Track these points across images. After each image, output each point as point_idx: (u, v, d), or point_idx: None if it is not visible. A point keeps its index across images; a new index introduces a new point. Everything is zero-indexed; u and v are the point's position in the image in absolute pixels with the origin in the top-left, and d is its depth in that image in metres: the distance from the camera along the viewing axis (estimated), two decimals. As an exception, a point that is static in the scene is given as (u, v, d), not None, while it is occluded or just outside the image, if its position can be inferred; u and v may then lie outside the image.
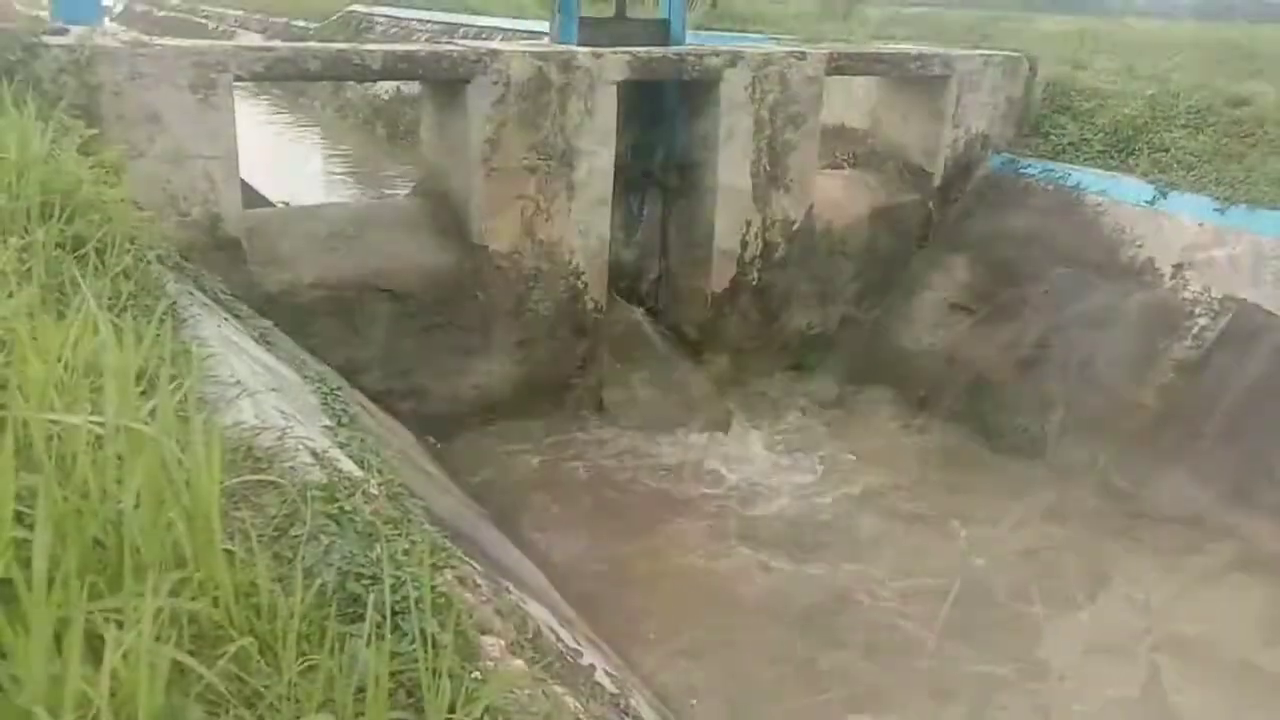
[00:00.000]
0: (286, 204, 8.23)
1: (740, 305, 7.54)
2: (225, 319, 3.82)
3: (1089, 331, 6.95)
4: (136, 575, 1.28)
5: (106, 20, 7.36)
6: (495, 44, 6.80)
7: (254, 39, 25.57)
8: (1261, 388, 6.07)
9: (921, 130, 8.26)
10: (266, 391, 2.87)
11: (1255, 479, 5.82)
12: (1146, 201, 7.22)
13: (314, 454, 2.50)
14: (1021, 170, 8.12)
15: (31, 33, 4.82)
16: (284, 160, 14.61)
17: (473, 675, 1.67)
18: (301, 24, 24.34)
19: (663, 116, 7.47)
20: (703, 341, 7.54)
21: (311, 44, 5.80)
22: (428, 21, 18.99)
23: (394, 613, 1.57)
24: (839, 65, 7.50)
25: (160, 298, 2.95)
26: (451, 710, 1.44)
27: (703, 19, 13.95)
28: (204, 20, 32.13)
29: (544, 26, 8.87)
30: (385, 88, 16.71)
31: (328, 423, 3.27)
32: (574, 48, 6.45)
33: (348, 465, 2.69)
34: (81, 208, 2.97)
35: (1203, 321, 6.47)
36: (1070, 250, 7.38)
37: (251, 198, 6.41)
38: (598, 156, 6.47)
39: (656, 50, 6.73)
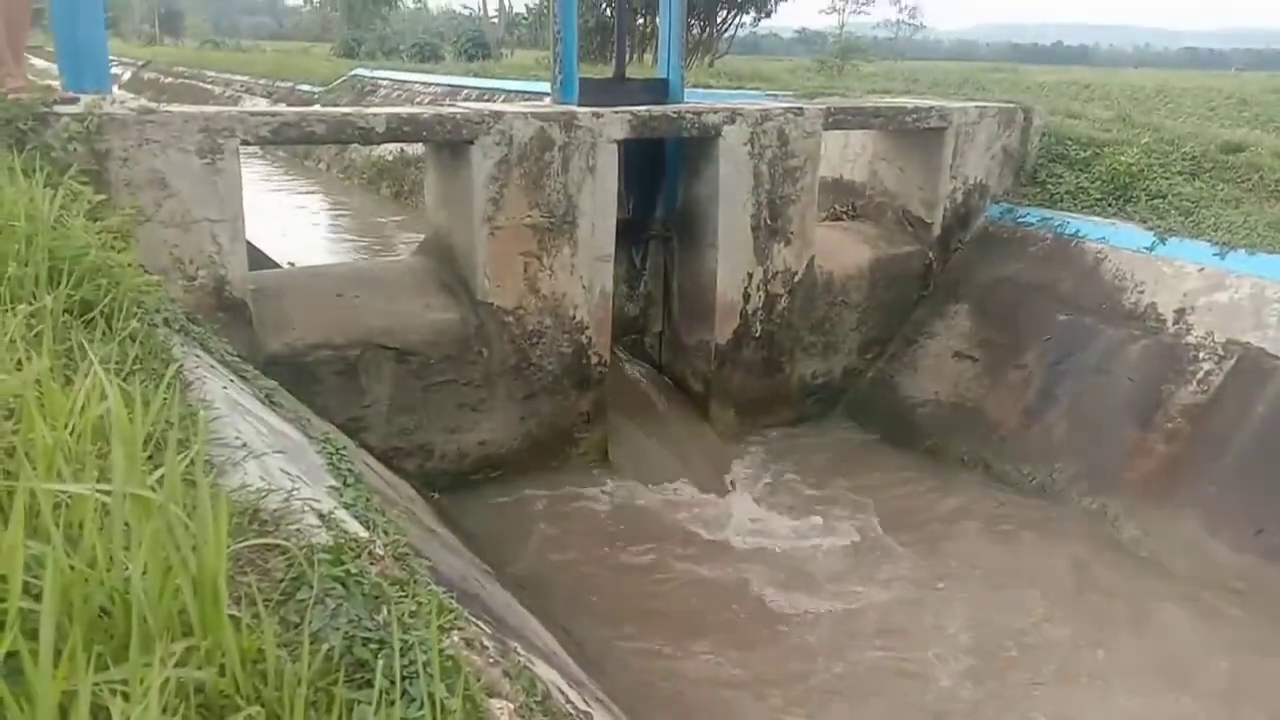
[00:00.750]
0: (292, 264, 8.30)
1: (744, 357, 7.56)
2: (231, 380, 3.83)
3: (1094, 378, 6.95)
4: (143, 645, 1.27)
5: (115, 88, 7.49)
6: (498, 105, 6.91)
7: (260, 103, 26.01)
8: (1270, 432, 6.05)
9: (919, 181, 8.35)
10: (272, 453, 2.86)
11: (1269, 525, 5.77)
12: (1146, 248, 7.27)
13: (320, 515, 2.49)
14: (1020, 219, 8.19)
15: (43, 102, 4.90)
16: (289, 220, 14.77)
17: (482, 741, 1.64)
18: (306, 88, 24.78)
19: (664, 171, 7.56)
20: (708, 393, 7.54)
21: (316, 108, 5.91)
22: (430, 84, 19.32)
23: (402, 678, 1.55)
24: (836, 120, 7.61)
25: (167, 361, 2.95)
26: (461, 778, 1.41)
27: (701, 77, 14.20)
28: (210, 85, 32.71)
29: (544, 87, 9.01)
30: (389, 149, 16.95)
31: (333, 483, 3.25)
32: (575, 108, 6.55)
33: (354, 526, 2.67)
34: (89, 273, 3.00)
35: (1208, 366, 6.46)
36: (1072, 297, 7.41)
37: (257, 258, 6.47)
38: (600, 212, 6.54)
39: (656, 109, 6.83)
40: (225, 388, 3.49)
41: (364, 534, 2.68)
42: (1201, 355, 6.55)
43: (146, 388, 2.55)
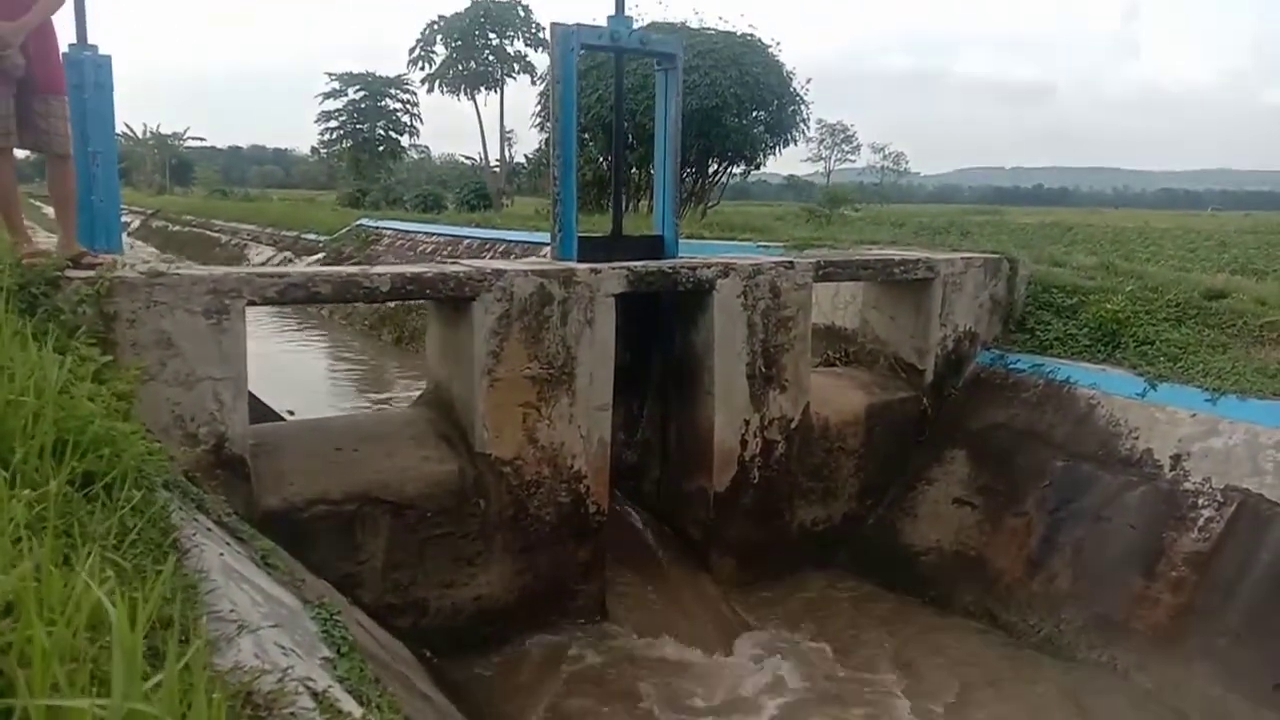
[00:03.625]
0: (291, 413, 8.35)
1: (743, 505, 7.52)
2: (227, 544, 3.80)
3: (1094, 525, 6.90)
4: None
5: (125, 237, 7.70)
6: (499, 262, 7.11)
7: (266, 251, 26.67)
8: (1277, 579, 5.96)
9: (910, 329, 8.51)
10: (267, 626, 2.83)
11: (1283, 677, 5.62)
12: (1137, 394, 7.34)
13: (314, 695, 2.45)
14: (1011, 365, 8.31)
15: (56, 267, 5.04)
16: (292, 368, 14.92)
17: None
18: (312, 237, 25.42)
19: (660, 323, 7.72)
20: (707, 541, 7.46)
21: (322, 269, 6.08)
22: (433, 234, 19.86)
23: None
24: (826, 272, 7.82)
25: (165, 530, 2.96)
26: None
27: (694, 227, 14.66)
28: (217, 234, 33.52)
29: (543, 237, 9.29)
30: (391, 295, 17.26)
31: (327, 653, 3.20)
32: (574, 264, 6.75)
33: (348, 705, 2.61)
34: (93, 443, 3.03)
35: (1208, 513, 6.43)
36: (1067, 443, 7.44)
37: (258, 409, 6.51)
38: (598, 364, 6.64)
39: (652, 264, 7.04)
40: (222, 553, 3.47)
41: (358, 712, 2.63)
42: (1201, 502, 6.52)
43: (143, 562, 2.56)
